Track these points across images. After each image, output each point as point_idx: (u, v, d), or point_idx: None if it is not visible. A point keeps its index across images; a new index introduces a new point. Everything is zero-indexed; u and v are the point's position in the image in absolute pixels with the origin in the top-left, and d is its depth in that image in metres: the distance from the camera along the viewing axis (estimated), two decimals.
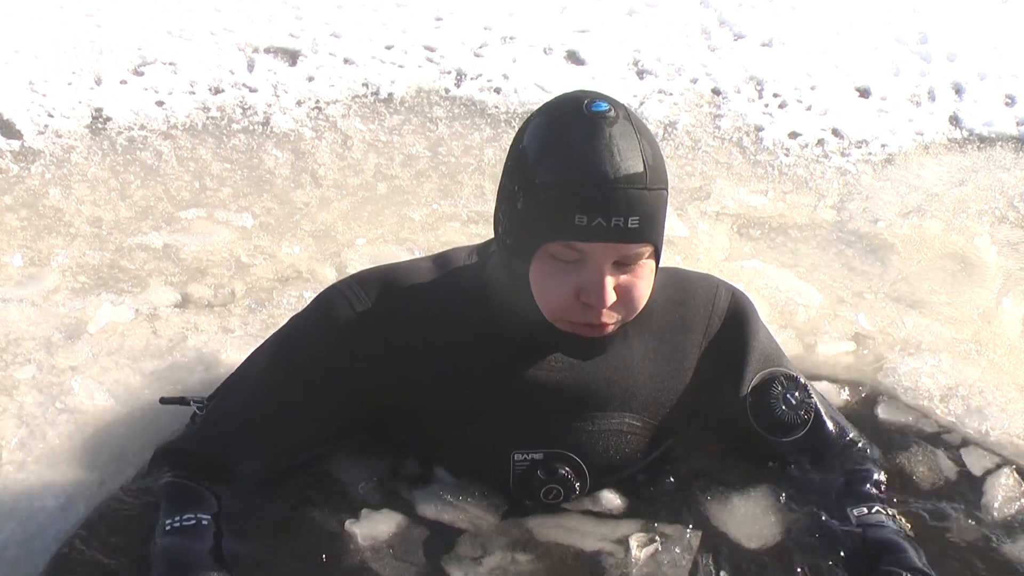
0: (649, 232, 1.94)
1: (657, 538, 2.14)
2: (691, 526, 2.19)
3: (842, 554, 2.15)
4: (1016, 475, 2.51)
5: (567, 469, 2.16)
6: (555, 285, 1.98)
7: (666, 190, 1.98)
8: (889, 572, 2.06)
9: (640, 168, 1.90)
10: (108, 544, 2.09)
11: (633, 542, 2.12)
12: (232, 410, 2.22)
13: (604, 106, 1.95)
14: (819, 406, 2.33)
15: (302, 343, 2.22)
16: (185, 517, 2.03)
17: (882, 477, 2.33)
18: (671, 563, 2.11)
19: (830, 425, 2.35)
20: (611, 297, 1.97)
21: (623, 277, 1.99)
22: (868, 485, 2.29)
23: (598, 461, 2.19)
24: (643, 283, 2.02)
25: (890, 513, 2.22)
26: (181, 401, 2.37)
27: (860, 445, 2.40)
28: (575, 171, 1.90)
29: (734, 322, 2.33)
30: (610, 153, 1.89)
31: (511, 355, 2.16)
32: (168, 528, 2.01)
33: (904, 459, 2.52)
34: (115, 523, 2.14)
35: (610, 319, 2.02)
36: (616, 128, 1.92)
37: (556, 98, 2.06)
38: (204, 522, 2.04)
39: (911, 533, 2.19)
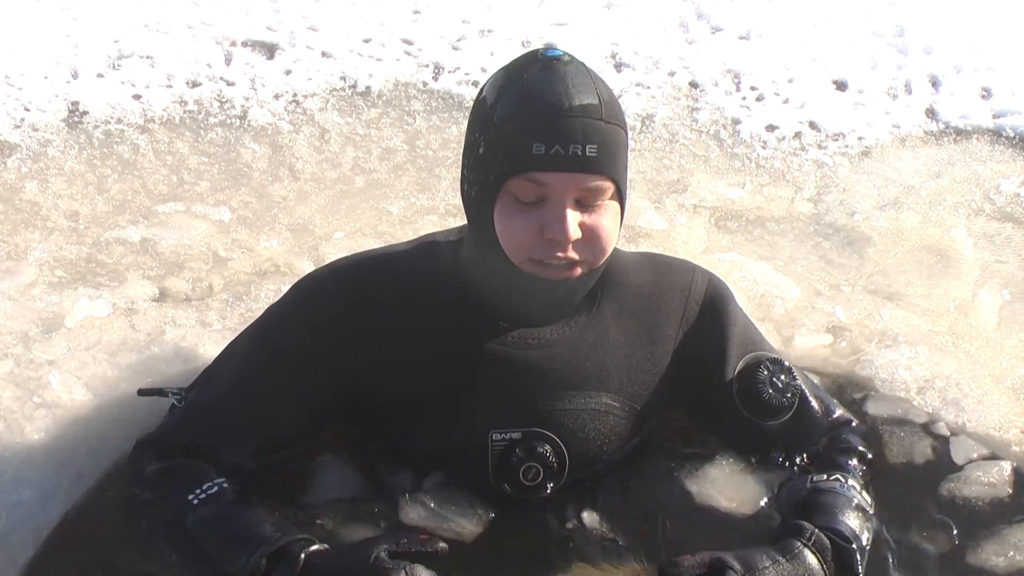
0: (608, 165, 1.97)
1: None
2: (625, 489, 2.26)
3: (783, 515, 2.20)
4: (998, 466, 2.53)
5: (546, 447, 2.15)
6: (519, 224, 1.99)
7: (623, 131, 2.01)
8: (794, 525, 2.09)
9: (595, 101, 1.95)
10: (97, 533, 2.13)
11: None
12: (211, 399, 2.23)
13: (559, 52, 2.02)
14: (803, 388, 2.34)
15: (278, 329, 2.23)
16: (206, 486, 2.06)
17: (860, 448, 2.35)
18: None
19: (815, 405, 2.37)
20: (575, 232, 1.98)
21: (587, 216, 2.00)
22: (838, 456, 2.32)
23: (577, 441, 2.19)
24: (608, 223, 2.04)
25: (850, 484, 2.22)
26: (159, 392, 2.36)
27: (844, 422, 2.42)
28: (531, 102, 1.95)
29: (712, 308, 2.35)
30: (564, 86, 1.95)
31: (486, 334, 2.16)
32: (195, 502, 2.03)
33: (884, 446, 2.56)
34: (102, 512, 2.16)
35: (576, 257, 2.02)
36: (570, 68, 1.99)
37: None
38: (225, 485, 2.07)
39: (869, 505, 2.21)
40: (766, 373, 2.27)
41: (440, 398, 2.17)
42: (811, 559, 2.04)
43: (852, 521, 2.12)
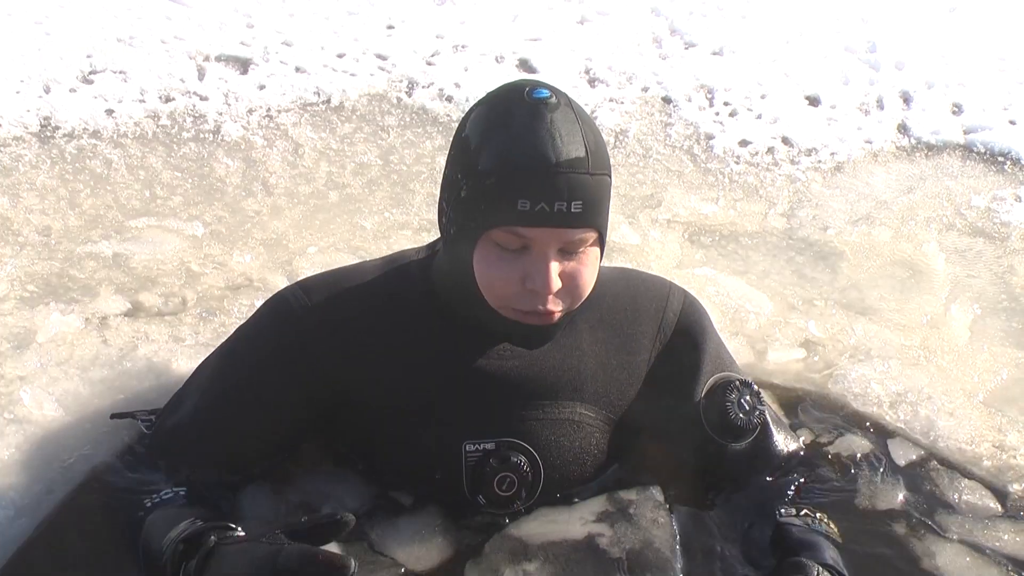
0: (592, 217, 1.94)
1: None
2: (648, 485, 2.24)
3: (759, 551, 2.21)
4: (943, 471, 2.58)
5: (521, 457, 2.15)
6: (500, 273, 1.98)
7: (609, 176, 1.98)
8: (796, 563, 2.08)
9: (582, 153, 1.91)
10: (67, 549, 2.12)
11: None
12: (178, 423, 2.21)
13: (545, 93, 1.96)
14: (768, 416, 2.34)
15: (247, 347, 2.22)
16: (162, 493, 2.06)
17: (815, 484, 2.38)
18: (652, 522, 2.17)
19: (776, 433, 2.37)
20: (556, 284, 1.97)
21: (568, 264, 1.99)
22: (793, 489, 2.34)
23: (551, 451, 2.19)
24: (588, 270, 2.03)
25: (818, 516, 2.24)
26: (131, 416, 2.36)
27: (798, 455, 2.43)
28: (517, 157, 1.90)
29: (688, 324, 2.35)
30: (551, 138, 1.90)
31: (458, 346, 2.15)
32: (148, 506, 2.04)
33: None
34: (73, 528, 2.16)
35: (556, 306, 2.02)
36: (557, 114, 1.93)
37: (497, 87, 2.07)
38: (181, 492, 2.07)
39: (837, 538, 2.21)
40: (735, 394, 2.26)
41: (413, 410, 2.15)
42: None
43: (837, 557, 2.13)
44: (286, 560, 1.69)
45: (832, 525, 2.24)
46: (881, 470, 2.52)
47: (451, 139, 2.09)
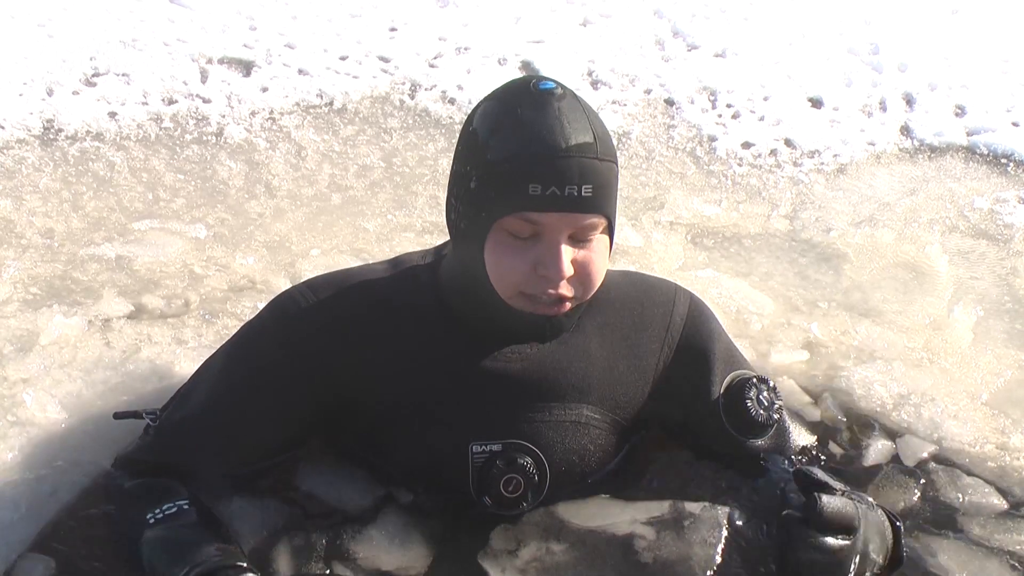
0: (602, 203, 1.97)
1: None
2: (711, 503, 2.20)
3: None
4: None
5: (527, 459, 2.15)
6: (511, 261, 1.99)
7: (616, 165, 2.01)
8: (802, 471, 2.10)
9: (590, 139, 1.95)
10: (71, 550, 2.12)
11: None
12: (185, 416, 2.22)
13: (551, 84, 2.00)
14: (784, 408, 2.35)
15: (254, 345, 2.23)
16: (165, 507, 2.05)
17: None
18: (700, 542, 2.13)
19: (793, 429, 2.41)
20: (568, 269, 1.99)
21: (579, 252, 2.01)
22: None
23: (558, 453, 2.19)
24: (598, 259, 2.05)
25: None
26: (135, 415, 2.35)
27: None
28: (527, 143, 1.93)
29: (696, 325, 2.35)
30: (560, 124, 1.94)
31: (465, 348, 2.16)
32: (152, 521, 2.02)
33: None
34: (77, 529, 2.16)
35: (568, 292, 2.03)
36: (564, 103, 1.97)
37: (503, 84, 2.11)
38: (185, 507, 2.06)
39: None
40: (753, 391, 2.27)
41: (420, 411, 2.16)
42: (883, 516, 2.12)
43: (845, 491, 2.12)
44: None
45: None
46: (883, 470, 2.53)
47: (456, 138, 2.10)
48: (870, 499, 2.15)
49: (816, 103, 5.14)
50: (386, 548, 2.14)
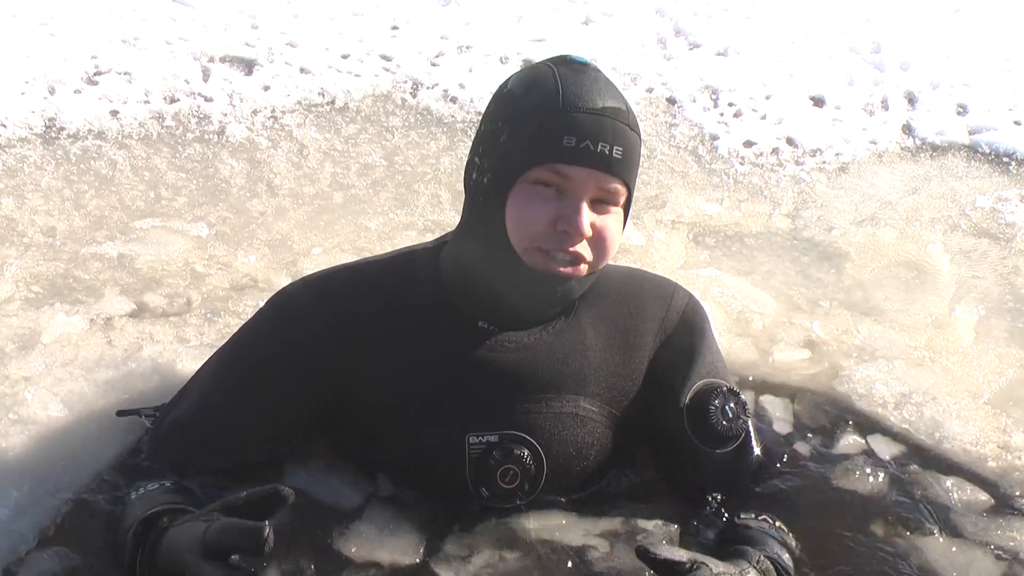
0: (628, 169, 2.03)
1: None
2: (666, 520, 2.21)
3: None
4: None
5: (524, 450, 2.15)
6: (533, 211, 2.00)
7: (641, 141, 2.09)
8: (740, 549, 2.06)
9: (623, 107, 2.03)
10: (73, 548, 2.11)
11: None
12: (182, 413, 2.22)
13: (585, 59, 2.08)
14: (751, 427, 2.32)
15: (251, 341, 2.23)
16: (147, 484, 2.07)
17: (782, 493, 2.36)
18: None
19: (756, 449, 2.36)
20: (587, 228, 2.00)
21: (597, 218, 2.03)
22: (764, 498, 2.32)
23: (554, 445, 2.18)
24: (615, 228, 2.07)
25: (778, 525, 2.20)
26: (136, 413, 2.37)
27: (782, 463, 2.44)
28: (565, 96, 1.99)
29: (690, 324, 2.34)
30: (597, 87, 2.02)
31: (462, 338, 2.16)
32: (132, 497, 2.04)
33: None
34: (79, 527, 2.16)
35: (584, 251, 2.04)
36: (599, 74, 2.07)
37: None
38: (167, 484, 2.07)
39: (793, 545, 2.17)
40: (719, 399, 2.25)
41: (416, 403, 2.16)
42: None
43: (786, 557, 2.11)
44: (211, 535, 1.73)
45: (789, 533, 2.20)
46: (883, 469, 2.52)
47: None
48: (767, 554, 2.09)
49: (818, 102, 5.15)
50: (378, 540, 2.14)
